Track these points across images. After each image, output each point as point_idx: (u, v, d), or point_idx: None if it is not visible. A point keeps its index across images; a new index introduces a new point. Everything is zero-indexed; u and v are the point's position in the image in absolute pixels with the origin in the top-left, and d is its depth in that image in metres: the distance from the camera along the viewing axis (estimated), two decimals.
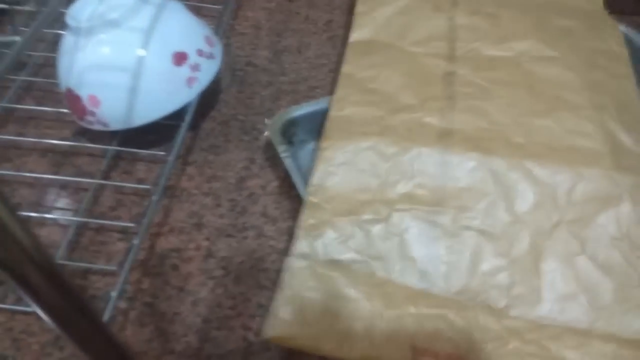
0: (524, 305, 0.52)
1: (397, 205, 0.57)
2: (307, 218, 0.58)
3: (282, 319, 0.51)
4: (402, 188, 0.58)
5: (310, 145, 0.70)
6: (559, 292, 0.52)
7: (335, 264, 0.55)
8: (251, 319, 0.58)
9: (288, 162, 0.64)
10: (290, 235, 0.64)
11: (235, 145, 0.75)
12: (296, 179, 0.63)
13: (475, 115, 0.64)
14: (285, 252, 0.63)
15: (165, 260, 0.63)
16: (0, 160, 0.72)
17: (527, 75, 0.69)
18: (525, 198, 0.57)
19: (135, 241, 0.58)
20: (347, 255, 0.55)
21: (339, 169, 0.60)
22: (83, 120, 0.67)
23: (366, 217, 0.57)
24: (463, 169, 0.59)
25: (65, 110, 0.71)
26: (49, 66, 0.79)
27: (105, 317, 0.52)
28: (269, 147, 0.73)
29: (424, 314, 0.51)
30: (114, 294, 0.54)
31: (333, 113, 0.66)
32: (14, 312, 0.58)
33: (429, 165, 0.59)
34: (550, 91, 0.67)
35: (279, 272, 0.61)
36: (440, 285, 0.53)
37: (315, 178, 0.60)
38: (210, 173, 0.72)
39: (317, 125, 0.68)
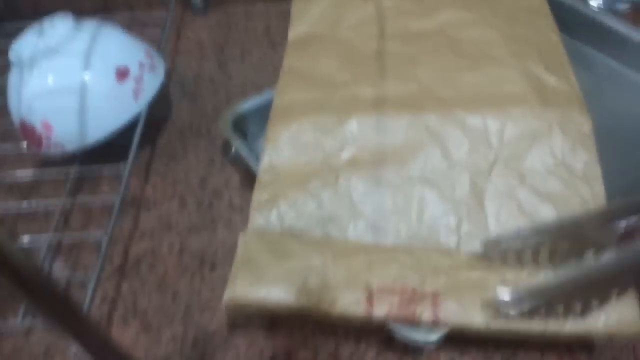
0: (474, 240, 0.55)
1: (343, 170, 0.61)
2: (259, 195, 0.60)
3: (238, 283, 0.53)
4: (345, 155, 0.62)
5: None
6: (505, 224, 0.56)
7: (290, 232, 0.57)
8: None
9: (244, 153, 0.67)
10: None
11: (193, 151, 0.78)
12: (255, 166, 0.66)
13: (405, 82, 0.68)
14: None
15: (141, 263, 0.65)
16: None
17: (452, 41, 0.75)
18: (460, 144, 0.61)
19: (103, 243, 0.60)
20: (302, 222, 0.58)
21: (285, 147, 0.64)
22: (40, 147, 0.69)
23: (315, 184, 0.60)
24: (398, 129, 0.63)
25: (23, 146, 0.73)
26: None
27: (85, 306, 0.53)
28: (226, 146, 0.76)
29: (376, 258, 0.54)
30: (88, 290, 0.56)
31: (276, 102, 0.70)
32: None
33: (367, 132, 0.63)
34: (475, 50, 0.73)
35: None
36: (391, 236, 0.56)
37: (264, 160, 0.63)
38: (173, 179, 0.74)
39: (267, 118, 0.71)
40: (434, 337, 0.49)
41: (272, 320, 0.58)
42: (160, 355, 0.56)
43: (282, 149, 0.63)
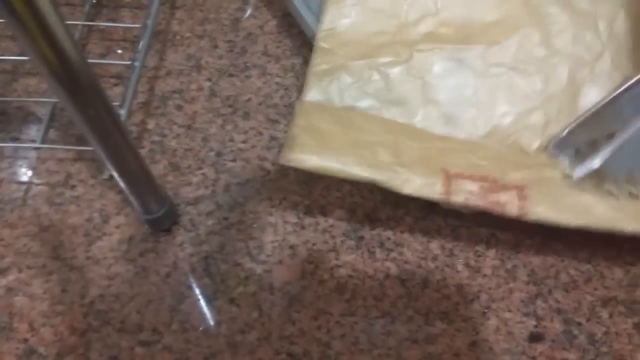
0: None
1: (419, 45, 0.52)
2: (318, 63, 0.53)
3: (301, 143, 0.48)
4: (424, 27, 0.53)
5: None
6: None
7: (352, 110, 0.51)
8: (266, 150, 0.57)
9: None
10: (295, 72, 0.62)
11: None
12: (299, 9, 0.59)
13: None
14: (292, 88, 0.61)
15: (168, 102, 0.60)
16: None
17: None
18: (564, 30, 0.52)
19: (136, 64, 0.54)
20: (365, 102, 0.51)
21: (352, 10, 0.55)
22: None
23: (384, 59, 0.52)
24: (492, 2, 0.54)
25: None
26: None
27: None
28: None
29: (451, 148, 0.49)
30: (122, 112, 0.52)
31: None
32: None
33: (454, 1, 0.54)
34: None
35: (288, 107, 0.60)
36: (466, 129, 0.50)
37: (325, 22, 0.55)
38: (202, 16, 0.67)
39: None
40: None
41: (309, 175, 0.55)
42: (192, 196, 0.53)
43: (347, 13, 0.55)
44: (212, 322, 0.46)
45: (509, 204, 0.45)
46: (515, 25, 0.53)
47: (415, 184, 0.46)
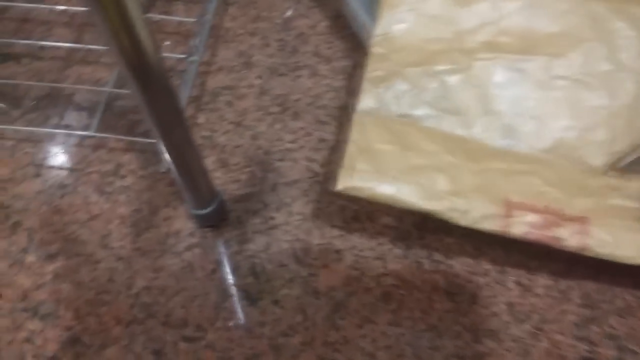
0: (624, 163, 0.47)
1: (478, 54, 0.51)
2: (372, 70, 0.52)
3: (357, 169, 0.47)
4: (483, 35, 0.52)
5: None
6: None
7: (407, 118, 0.50)
8: (314, 151, 0.56)
9: None
10: (346, 74, 0.61)
11: None
12: (353, 9, 0.59)
13: None
14: (342, 90, 0.60)
15: (219, 97, 0.60)
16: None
17: None
18: (631, 44, 0.50)
19: (195, 57, 0.54)
20: (421, 110, 0.50)
21: (408, 15, 0.54)
22: None
23: (442, 67, 0.51)
24: (556, 11, 0.52)
25: None
26: None
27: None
28: None
29: (513, 169, 0.47)
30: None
31: None
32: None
33: (516, 9, 0.52)
34: None
35: (338, 109, 0.59)
36: (529, 142, 0.48)
37: (380, 27, 0.54)
38: (255, 13, 0.67)
39: None
40: None
41: None
42: (238, 193, 0.53)
43: (403, 18, 0.53)
44: (255, 323, 0.46)
45: (570, 239, 0.44)
46: (580, 37, 0.51)
47: (475, 215, 0.45)
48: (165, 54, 0.62)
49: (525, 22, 0.52)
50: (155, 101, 0.34)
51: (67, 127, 0.57)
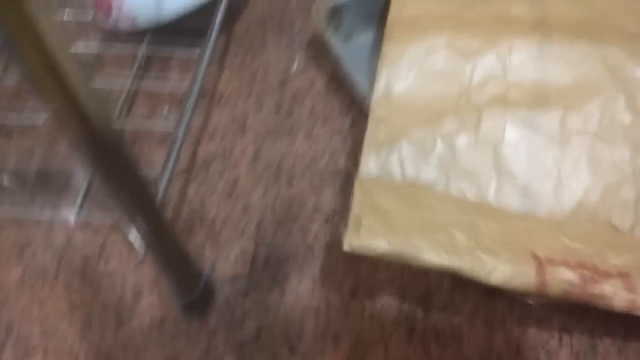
0: None
1: (487, 110, 0.47)
2: (373, 132, 0.48)
3: (365, 226, 0.42)
4: (492, 89, 0.48)
5: (363, 38, 0.62)
6: None
7: (416, 187, 0.45)
8: (309, 221, 0.53)
9: (337, 50, 0.57)
10: (343, 135, 0.58)
11: (273, 46, 0.68)
12: (348, 69, 0.56)
13: (573, 2, 0.52)
14: (338, 152, 0.57)
15: (210, 167, 0.57)
16: None
17: None
18: None
19: (179, 133, 0.52)
20: (429, 174, 0.46)
21: (409, 73, 0.50)
22: (109, 17, 0.60)
23: (448, 126, 0.47)
24: (568, 61, 0.48)
25: (88, 18, 0.65)
26: None
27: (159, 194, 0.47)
28: (312, 44, 0.66)
29: (535, 227, 0.43)
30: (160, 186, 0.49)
31: (393, 12, 0.55)
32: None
33: (525, 61, 0.48)
34: None
35: (333, 173, 0.56)
36: (548, 204, 0.44)
37: (379, 87, 0.50)
38: (249, 76, 0.65)
39: (370, 11, 0.59)
40: None
41: None
42: (229, 272, 0.50)
43: (404, 74, 0.50)
44: None
45: (617, 297, 0.38)
46: (596, 88, 0.47)
47: (505, 272, 0.40)
48: (155, 129, 0.60)
49: (536, 73, 0.48)
50: (119, 188, 0.31)
51: (52, 205, 0.55)
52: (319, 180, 0.55)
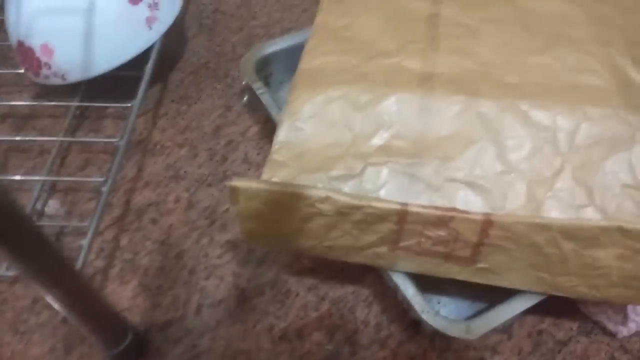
0: None
1: (372, 158, 0.49)
2: (268, 177, 0.50)
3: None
4: (378, 140, 0.50)
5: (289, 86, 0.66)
6: None
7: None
8: (241, 266, 0.54)
9: (265, 99, 0.59)
10: None
11: (208, 94, 0.70)
12: (277, 117, 0.59)
13: (461, 56, 0.55)
14: None
15: (143, 215, 0.58)
16: None
17: (522, 11, 0.59)
18: (521, 144, 0.49)
19: (104, 188, 0.53)
20: None
21: (307, 123, 0.52)
22: (39, 75, 0.61)
23: (337, 172, 0.49)
24: (446, 114, 0.51)
25: (21, 71, 0.65)
26: None
27: (78, 264, 0.48)
28: (245, 91, 0.69)
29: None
30: (84, 242, 0.50)
31: (302, 65, 0.58)
32: None
33: (408, 113, 0.51)
34: (549, 27, 0.57)
35: None
36: None
37: (280, 135, 0.52)
38: (184, 124, 0.67)
39: (294, 63, 0.63)
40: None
41: (286, 294, 0.52)
42: (161, 320, 0.50)
43: (303, 124, 0.52)
44: None
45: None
46: (471, 138, 0.50)
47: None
48: (83, 179, 0.61)
49: (418, 126, 0.51)
50: (30, 266, 0.32)
51: None
52: None
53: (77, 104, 0.65)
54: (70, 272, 0.37)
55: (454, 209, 0.44)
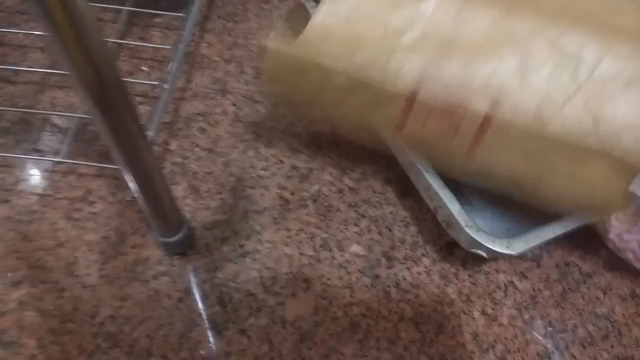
0: None
1: (396, 54, 0.51)
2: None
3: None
4: (407, 39, 0.52)
5: None
6: None
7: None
8: (286, 179, 0.57)
9: None
10: None
11: (255, 14, 0.71)
12: None
13: None
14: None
15: (192, 124, 0.60)
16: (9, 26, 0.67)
17: None
18: (542, 65, 0.51)
19: (166, 85, 0.55)
20: None
21: (344, 11, 0.54)
22: None
23: (360, 60, 0.51)
24: (479, 24, 0.52)
25: None
26: None
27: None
28: (291, 14, 0.69)
29: None
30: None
31: None
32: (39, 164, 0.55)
33: (443, 18, 0.53)
34: None
35: (311, 136, 0.60)
36: None
37: (316, 17, 0.54)
38: (231, 41, 0.68)
39: None
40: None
41: (328, 208, 0.55)
42: (208, 220, 0.53)
43: (341, 11, 0.53)
44: (221, 353, 0.46)
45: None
46: (497, 48, 0.52)
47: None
48: (139, 81, 0.62)
49: (449, 31, 0.53)
50: (117, 129, 0.34)
51: (37, 152, 0.56)
52: (297, 142, 0.59)
53: (128, 8, 0.65)
54: (147, 148, 0.39)
55: (459, 105, 0.46)
